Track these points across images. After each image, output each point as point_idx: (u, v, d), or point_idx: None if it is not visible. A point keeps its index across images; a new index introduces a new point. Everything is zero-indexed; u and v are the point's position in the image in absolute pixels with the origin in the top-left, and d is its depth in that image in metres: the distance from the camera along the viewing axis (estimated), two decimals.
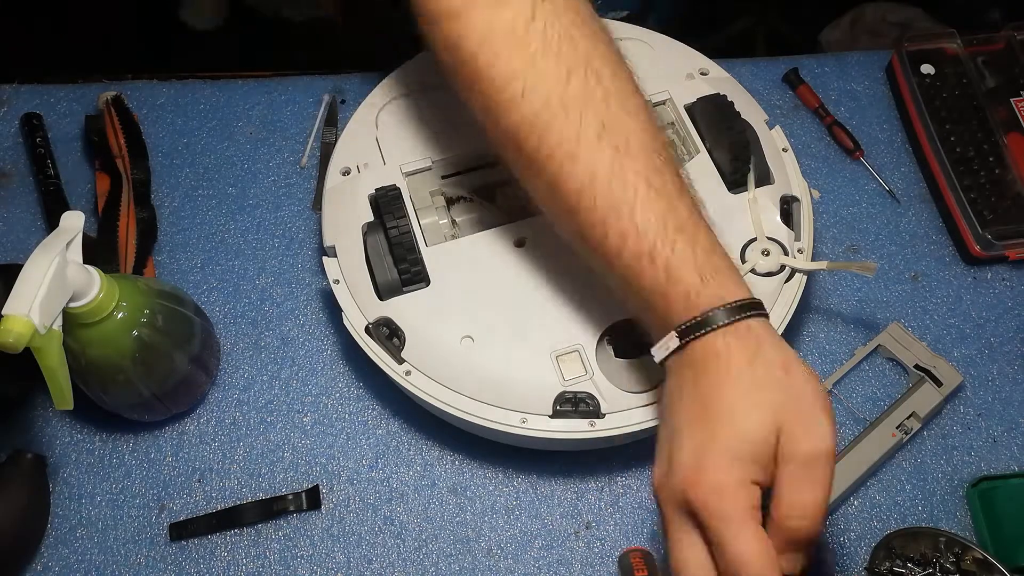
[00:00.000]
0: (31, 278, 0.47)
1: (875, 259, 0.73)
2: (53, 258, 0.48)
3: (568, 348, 0.57)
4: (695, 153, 0.64)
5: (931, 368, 0.66)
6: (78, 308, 0.52)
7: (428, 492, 0.64)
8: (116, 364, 0.56)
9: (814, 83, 0.81)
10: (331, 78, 0.81)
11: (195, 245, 0.72)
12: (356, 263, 0.60)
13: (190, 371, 0.61)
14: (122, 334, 0.55)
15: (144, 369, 0.57)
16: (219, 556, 0.61)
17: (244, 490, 0.63)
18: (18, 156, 0.76)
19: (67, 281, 0.50)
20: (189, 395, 0.64)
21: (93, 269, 0.52)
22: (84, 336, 0.54)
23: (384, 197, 0.61)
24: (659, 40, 0.70)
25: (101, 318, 0.53)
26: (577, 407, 0.56)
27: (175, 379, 0.60)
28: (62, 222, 0.52)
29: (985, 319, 0.71)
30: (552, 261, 0.60)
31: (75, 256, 0.51)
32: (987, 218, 0.72)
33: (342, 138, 0.66)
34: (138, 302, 0.56)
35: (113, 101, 0.73)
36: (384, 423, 0.66)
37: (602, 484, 0.64)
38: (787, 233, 0.61)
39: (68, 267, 0.50)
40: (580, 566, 0.61)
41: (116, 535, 0.62)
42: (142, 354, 0.56)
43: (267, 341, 0.69)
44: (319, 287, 0.71)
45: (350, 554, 0.61)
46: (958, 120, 0.76)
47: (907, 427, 0.64)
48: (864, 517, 0.63)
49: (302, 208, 0.74)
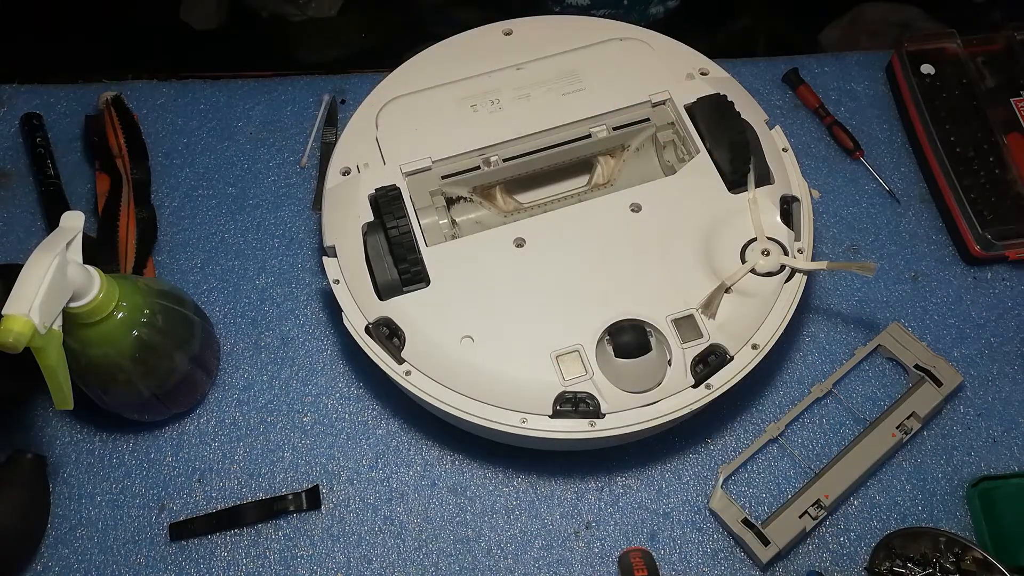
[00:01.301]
0: (31, 278, 0.47)
1: (875, 259, 0.73)
2: (53, 258, 0.48)
3: (568, 348, 0.57)
4: (695, 153, 0.65)
5: (931, 368, 0.66)
6: (78, 308, 0.52)
7: (428, 492, 0.64)
8: (116, 364, 0.56)
9: (814, 83, 0.81)
10: (331, 78, 0.81)
11: (195, 245, 0.72)
12: (356, 263, 0.60)
13: (190, 371, 0.61)
14: (122, 334, 0.55)
15: (144, 369, 0.57)
16: (219, 556, 0.61)
17: (244, 490, 0.63)
18: (18, 156, 0.76)
19: (67, 281, 0.50)
20: (189, 395, 0.64)
21: (93, 269, 0.52)
22: (84, 336, 0.54)
23: (384, 197, 0.61)
24: (659, 40, 0.70)
25: (101, 318, 0.53)
26: (577, 407, 0.56)
27: (175, 379, 0.60)
28: (62, 222, 0.52)
29: (985, 319, 0.71)
30: (552, 261, 0.60)
31: (75, 256, 0.51)
32: (987, 218, 0.72)
33: (342, 138, 0.66)
34: (138, 302, 0.56)
35: (113, 101, 0.73)
36: (384, 423, 0.66)
37: (602, 484, 0.64)
38: (787, 233, 0.61)
39: (68, 267, 0.50)
40: (580, 566, 0.61)
41: (116, 535, 0.62)
42: (142, 354, 0.56)
43: (267, 341, 0.69)
44: (319, 287, 0.71)
45: (350, 554, 0.61)
46: (958, 120, 0.76)
47: (907, 427, 0.64)
48: (864, 517, 0.63)
49: (302, 208, 0.74)
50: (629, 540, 0.62)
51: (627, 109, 0.67)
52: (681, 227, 0.61)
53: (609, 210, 0.62)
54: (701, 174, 0.64)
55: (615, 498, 0.64)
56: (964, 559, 0.59)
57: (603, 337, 0.57)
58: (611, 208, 0.62)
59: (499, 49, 0.70)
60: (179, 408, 0.64)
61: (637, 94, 0.67)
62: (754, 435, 0.66)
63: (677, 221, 0.61)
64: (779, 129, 0.67)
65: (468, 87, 0.67)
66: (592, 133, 0.66)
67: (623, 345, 0.56)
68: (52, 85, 0.79)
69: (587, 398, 0.56)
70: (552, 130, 0.66)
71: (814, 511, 0.61)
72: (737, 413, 0.67)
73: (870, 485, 0.64)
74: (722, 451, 0.65)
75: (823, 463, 0.64)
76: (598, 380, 0.56)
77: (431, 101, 0.67)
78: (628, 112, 0.67)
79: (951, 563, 0.59)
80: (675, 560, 0.62)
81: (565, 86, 0.67)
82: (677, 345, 0.57)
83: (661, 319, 0.58)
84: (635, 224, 0.62)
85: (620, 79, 0.68)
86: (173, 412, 0.64)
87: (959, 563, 0.59)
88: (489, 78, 0.68)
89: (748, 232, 0.61)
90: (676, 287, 0.59)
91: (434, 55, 0.70)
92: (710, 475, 0.65)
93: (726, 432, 0.66)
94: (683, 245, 0.61)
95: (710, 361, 0.57)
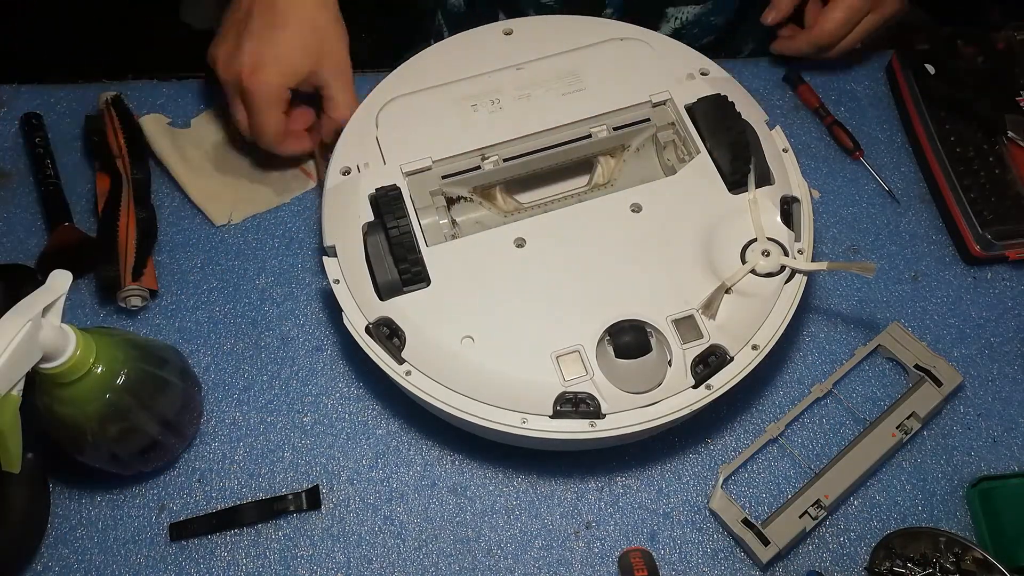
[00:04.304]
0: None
1: (875, 259, 0.73)
2: (24, 323, 0.47)
3: (568, 348, 0.57)
4: (695, 153, 0.65)
5: (931, 368, 0.66)
6: (49, 369, 0.50)
7: (428, 492, 0.64)
8: (81, 425, 0.54)
9: (814, 83, 0.81)
10: None
11: (195, 245, 0.72)
12: (356, 263, 0.60)
13: (160, 436, 0.59)
14: (91, 397, 0.53)
15: (111, 431, 0.55)
16: (219, 556, 0.61)
17: (244, 490, 0.63)
18: (18, 156, 0.76)
19: (37, 345, 0.48)
20: (157, 458, 0.61)
21: (69, 330, 0.50)
22: (54, 393, 0.53)
23: (384, 197, 0.61)
24: (659, 40, 0.70)
25: (71, 380, 0.52)
26: (577, 407, 0.56)
27: (142, 443, 0.58)
28: (48, 281, 0.50)
29: (985, 319, 0.71)
30: (552, 261, 0.60)
31: (54, 318, 0.49)
32: (987, 218, 0.72)
33: (342, 138, 0.66)
34: (114, 368, 0.54)
35: (113, 101, 0.73)
36: (384, 423, 0.66)
37: (602, 484, 0.64)
38: (787, 233, 0.61)
39: (42, 331, 0.48)
40: (580, 566, 0.61)
41: (116, 535, 0.62)
42: (111, 417, 0.55)
43: (267, 341, 0.69)
44: (319, 287, 0.71)
45: (350, 554, 0.61)
46: (958, 120, 0.76)
47: (907, 427, 0.64)
48: (864, 517, 0.63)
49: (302, 208, 0.74)
50: (629, 540, 0.62)
51: (627, 109, 0.67)
52: (681, 227, 0.61)
53: (609, 210, 0.62)
54: (701, 174, 0.64)
55: (615, 498, 0.64)
56: (964, 559, 0.59)
57: (603, 337, 0.57)
58: (611, 208, 0.62)
59: (499, 49, 0.70)
60: (147, 468, 0.62)
61: (637, 94, 0.67)
62: (754, 435, 0.66)
63: (677, 221, 0.61)
64: (779, 129, 0.67)
65: (468, 87, 0.67)
66: (592, 133, 0.66)
67: (623, 345, 0.56)
68: (52, 85, 0.79)
69: (587, 398, 0.56)
70: (552, 130, 0.66)
71: (814, 511, 0.61)
72: (737, 413, 0.67)
73: (870, 485, 0.64)
74: (722, 451, 0.65)
75: (823, 463, 0.64)
76: (598, 380, 0.56)
77: (431, 101, 0.67)
78: (628, 112, 0.67)
79: (951, 563, 0.59)
80: (675, 560, 0.62)
81: (565, 86, 0.67)
82: (677, 345, 0.57)
83: (661, 319, 0.58)
84: (635, 224, 0.62)
85: (620, 79, 0.68)
86: (141, 471, 0.62)
87: (959, 563, 0.59)
88: (489, 78, 0.68)
89: (748, 232, 0.61)
90: (676, 287, 0.59)
91: (434, 55, 0.70)
92: (710, 475, 0.65)
93: (726, 432, 0.66)
94: (683, 245, 0.61)
95: (710, 362, 0.57)
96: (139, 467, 0.61)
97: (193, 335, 0.69)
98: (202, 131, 0.77)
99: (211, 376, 0.67)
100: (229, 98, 0.68)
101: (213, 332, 0.69)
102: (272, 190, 0.75)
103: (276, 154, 0.70)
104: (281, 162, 0.74)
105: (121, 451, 0.58)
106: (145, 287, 0.67)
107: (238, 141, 0.75)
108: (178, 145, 0.74)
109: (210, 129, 0.77)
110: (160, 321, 0.69)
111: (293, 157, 0.73)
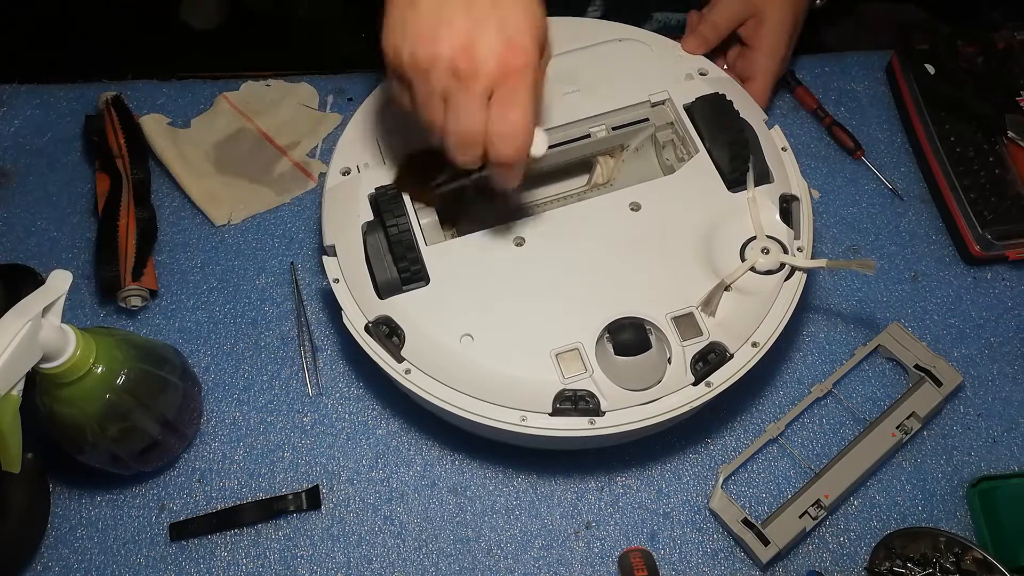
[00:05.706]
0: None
1: (875, 259, 0.73)
2: (24, 323, 0.47)
3: (568, 346, 0.57)
4: (695, 153, 0.65)
5: (931, 368, 0.66)
6: (49, 369, 0.50)
7: (428, 492, 0.64)
8: (81, 425, 0.54)
9: (814, 83, 0.81)
10: (331, 78, 0.81)
11: (195, 245, 0.72)
12: (356, 262, 0.60)
13: (160, 436, 0.59)
14: (91, 397, 0.53)
15: (111, 431, 0.56)
16: (219, 556, 0.61)
17: (244, 490, 0.63)
18: (18, 156, 0.76)
19: (37, 345, 0.48)
20: (157, 458, 0.62)
21: (70, 330, 0.50)
22: (55, 393, 0.53)
23: (384, 196, 0.61)
24: (659, 40, 0.71)
25: (71, 380, 0.52)
26: (577, 405, 0.56)
27: (142, 443, 0.58)
28: (48, 281, 0.50)
29: (985, 319, 0.71)
30: (552, 260, 0.60)
31: (54, 318, 0.49)
32: (987, 218, 0.71)
33: (342, 138, 0.66)
34: (114, 368, 0.54)
35: (113, 101, 0.74)
36: (384, 423, 0.66)
37: (602, 484, 0.64)
38: (787, 231, 0.61)
39: (42, 331, 0.48)
40: (580, 566, 0.61)
41: (116, 535, 0.62)
42: (111, 417, 0.55)
43: (267, 341, 0.69)
44: (319, 287, 0.71)
45: (350, 554, 0.61)
46: (958, 120, 0.76)
47: (907, 427, 0.64)
48: (864, 517, 0.63)
49: (302, 208, 0.74)
50: (629, 540, 0.62)
51: (626, 109, 0.67)
52: (680, 226, 0.61)
53: (608, 209, 0.62)
54: (700, 173, 0.64)
55: (615, 498, 0.64)
56: (964, 559, 0.59)
57: (603, 335, 0.57)
58: (610, 207, 0.62)
59: None
60: (147, 468, 0.62)
61: (636, 94, 0.67)
62: (754, 435, 0.66)
63: (677, 220, 0.61)
64: (778, 128, 0.67)
65: None
66: (591, 133, 0.66)
67: (623, 343, 0.56)
68: (52, 85, 0.79)
69: (587, 396, 0.56)
70: (552, 130, 0.66)
71: (814, 511, 0.61)
72: (737, 413, 0.67)
73: (870, 485, 0.64)
74: (722, 451, 0.65)
75: (823, 463, 0.64)
76: (598, 378, 0.56)
77: None
78: (627, 112, 0.67)
79: (951, 563, 0.59)
80: (675, 560, 0.62)
81: (564, 86, 0.67)
82: (677, 343, 0.57)
83: (661, 317, 0.58)
84: (635, 223, 0.62)
85: (619, 79, 0.68)
86: (141, 470, 0.62)
87: (959, 563, 0.59)
88: None
89: (747, 231, 0.61)
90: (676, 285, 0.59)
91: None
92: (710, 475, 0.64)
93: (726, 432, 0.66)
94: (683, 244, 0.61)
95: (710, 359, 0.57)
96: (139, 467, 0.61)
97: (193, 335, 0.69)
98: (202, 131, 0.77)
99: (211, 376, 0.67)
100: (472, 95, 0.51)
101: (213, 332, 0.69)
102: (272, 190, 0.75)
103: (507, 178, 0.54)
104: (281, 162, 0.74)
105: (121, 451, 0.58)
106: (145, 287, 0.68)
107: (238, 141, 0.75)
108: (178, 145, 0.75)
109: (210, 129, 0.77)
110: (160, 321, 0.69)
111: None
